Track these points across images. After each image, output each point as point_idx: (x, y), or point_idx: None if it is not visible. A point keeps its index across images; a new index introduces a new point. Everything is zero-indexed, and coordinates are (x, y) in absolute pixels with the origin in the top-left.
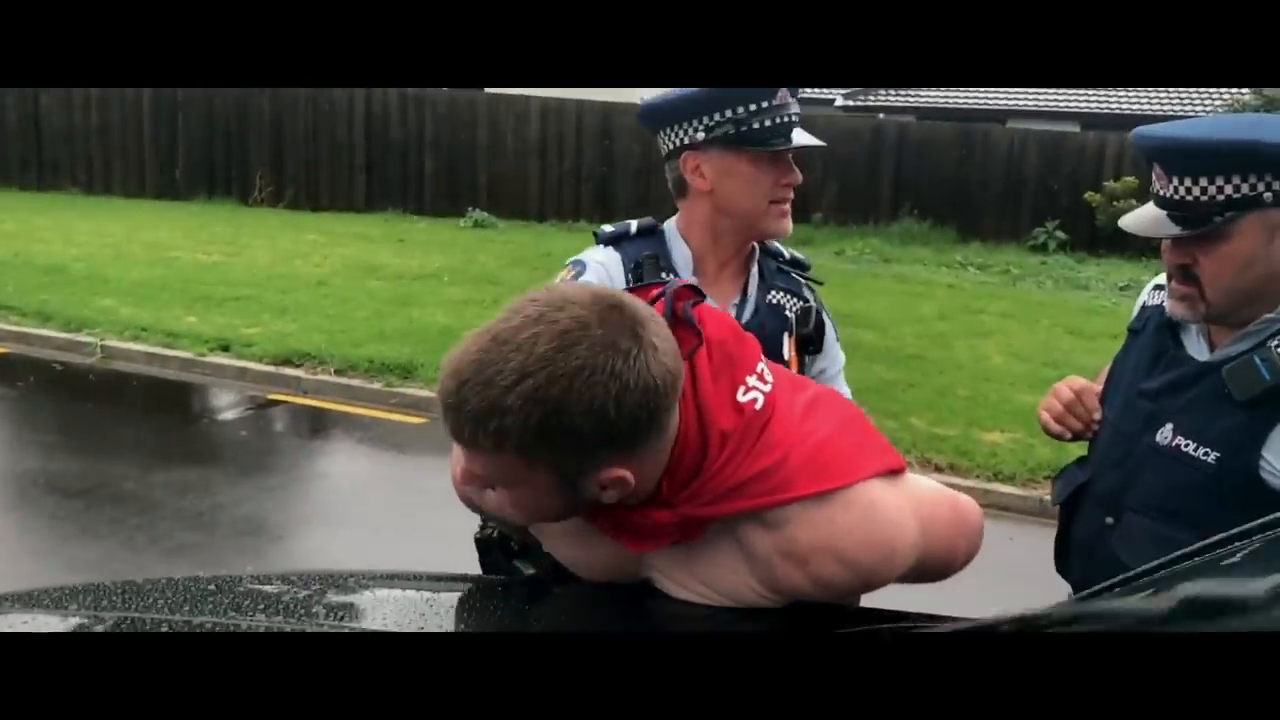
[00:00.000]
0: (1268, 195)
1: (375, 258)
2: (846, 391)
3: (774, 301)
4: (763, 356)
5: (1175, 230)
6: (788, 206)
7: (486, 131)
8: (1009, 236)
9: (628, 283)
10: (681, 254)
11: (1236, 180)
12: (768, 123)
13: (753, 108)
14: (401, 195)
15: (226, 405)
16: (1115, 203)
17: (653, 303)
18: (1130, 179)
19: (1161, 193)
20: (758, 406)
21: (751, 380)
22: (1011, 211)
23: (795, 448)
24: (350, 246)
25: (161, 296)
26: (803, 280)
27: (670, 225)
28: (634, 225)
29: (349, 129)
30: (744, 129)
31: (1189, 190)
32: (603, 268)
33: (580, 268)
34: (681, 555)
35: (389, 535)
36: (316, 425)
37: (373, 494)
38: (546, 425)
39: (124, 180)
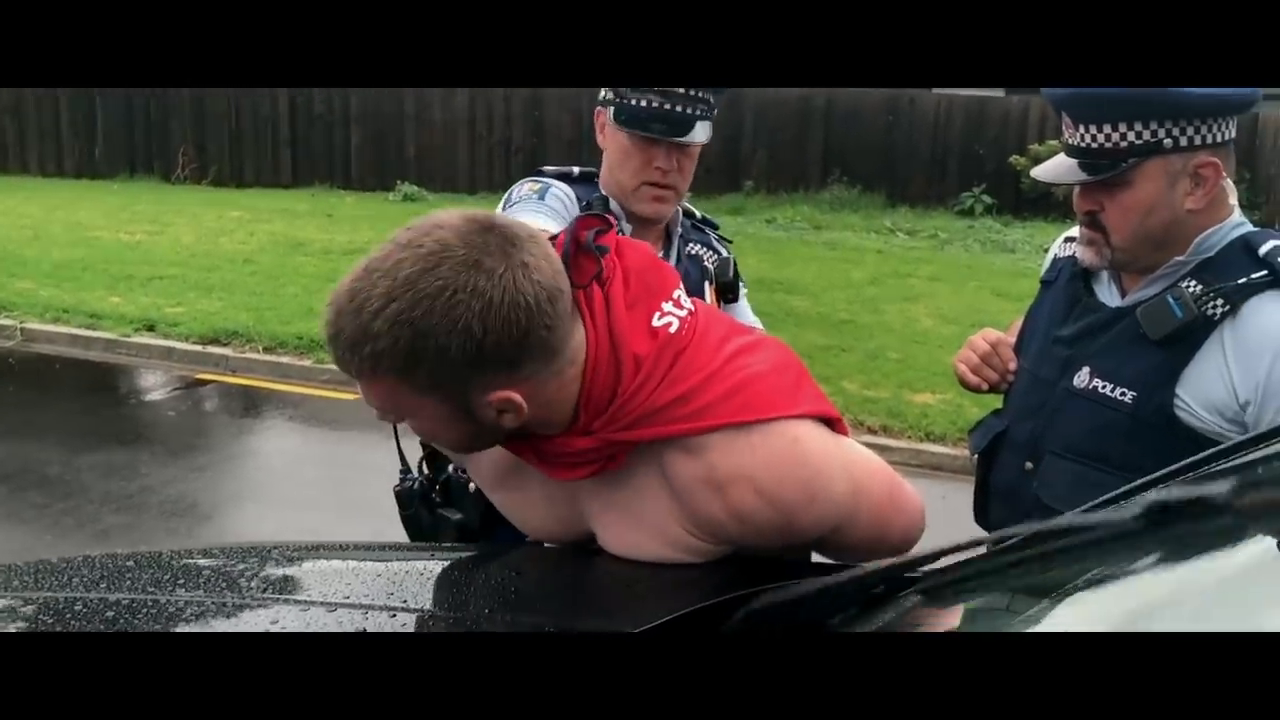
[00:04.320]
0: (1168, 141)
1: (302, 233)
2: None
3: (693, 253)
4: (681, 286)
5: (1083, 177)
6: (663, 191)
7: (413, 103)
8: (936, 201)
9: None
10: (615, 204)
11: (1139, 127)
12: (643, 103)
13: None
14: (328, 169)
15: (153, 386)
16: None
17: (595, 233)
18: (1054, 142)
19: (1070, 141)
20: (672, 330)
21: (667, 306)
22: (938, 177)
23: (718, 378)
24: (276, 222)
25: (83, 277)
26: (714, 236)
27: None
28: (576, 170)
29: (272, 103)
30: (622, 101)
31: (1094, 137)
32: (565, 195)
33: (545, 186)
34: (613, 497)
35: (322, 511)
36: (246, 403)
37: (305, 471)
38: (415, 347)
39: (40, 160)
